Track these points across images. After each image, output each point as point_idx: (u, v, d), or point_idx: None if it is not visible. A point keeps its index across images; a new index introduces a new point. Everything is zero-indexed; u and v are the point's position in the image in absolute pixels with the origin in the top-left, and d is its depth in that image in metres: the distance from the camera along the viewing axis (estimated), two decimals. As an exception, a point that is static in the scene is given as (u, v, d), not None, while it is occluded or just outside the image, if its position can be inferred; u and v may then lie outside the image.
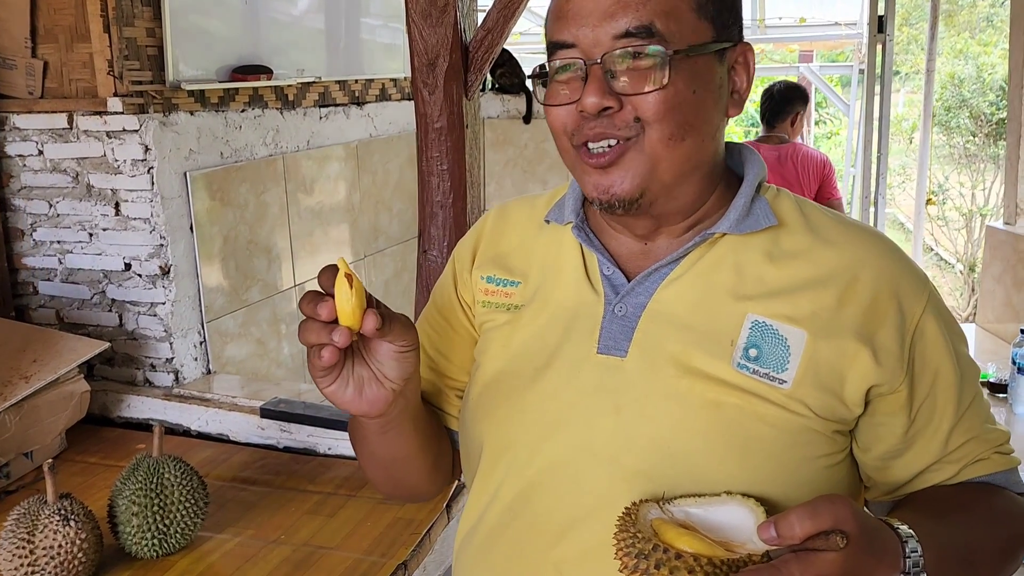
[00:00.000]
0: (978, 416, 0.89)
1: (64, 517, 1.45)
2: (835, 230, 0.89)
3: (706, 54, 0.83)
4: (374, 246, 3.26)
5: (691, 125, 0.83)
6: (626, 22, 0.80)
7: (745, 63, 0.88)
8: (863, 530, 0.70)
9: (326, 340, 0.79)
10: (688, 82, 0.82)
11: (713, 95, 0.85)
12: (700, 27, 0.83)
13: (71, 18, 2.18)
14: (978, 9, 11.77)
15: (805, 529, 0.68)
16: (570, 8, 0.83)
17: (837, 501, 0.70)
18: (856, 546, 0.69)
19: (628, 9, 0.80)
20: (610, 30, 0.81)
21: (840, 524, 0.69)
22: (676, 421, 0.83)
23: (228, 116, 2.42)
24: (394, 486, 1.07)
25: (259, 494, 1.90)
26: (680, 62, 0.81)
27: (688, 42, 0.82)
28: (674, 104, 0.82)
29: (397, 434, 0.95)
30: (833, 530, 0.68)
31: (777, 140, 3.74)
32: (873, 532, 0.73)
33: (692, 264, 0.88)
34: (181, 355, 2.31)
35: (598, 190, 0.85)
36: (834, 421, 0.84)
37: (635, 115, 0.82)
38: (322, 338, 0.80)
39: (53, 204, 2.28)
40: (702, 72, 0.83)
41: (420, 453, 0.99)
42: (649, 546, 0.69)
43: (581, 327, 0.89)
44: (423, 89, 1.78)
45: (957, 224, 9.65)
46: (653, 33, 0.80)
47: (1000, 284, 3.46)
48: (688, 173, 0.86)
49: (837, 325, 0.83)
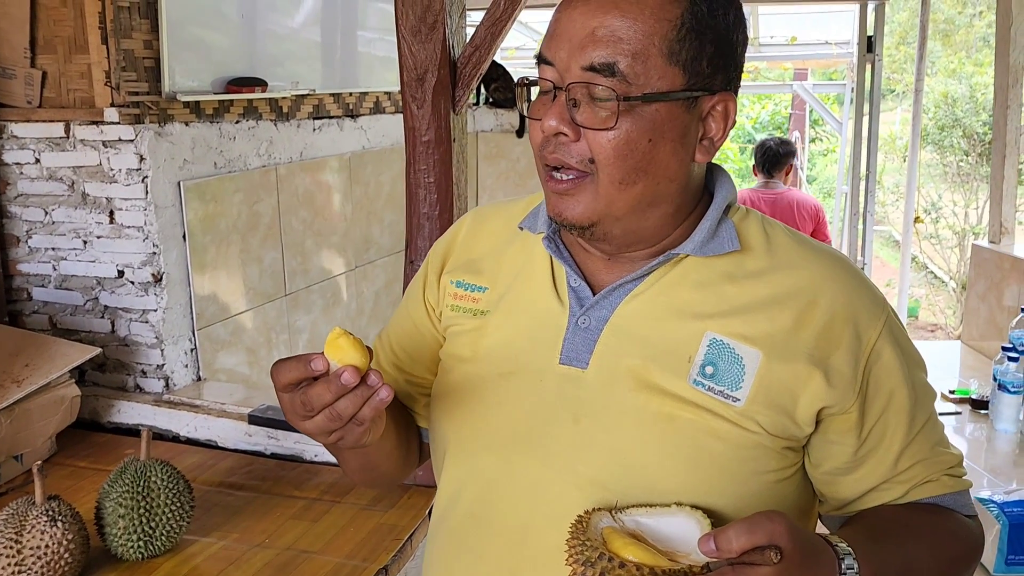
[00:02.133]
0: (929, 440, 0.92)
1: (51, 518, 1.48)
2: (796, 252, 0.91)
3: (669, 101, 0.83)
4: (365, 257, 3.30)
5: (643, 171, 0.84)
6: (594, 56, 0.82)
7: (724, 112, 0.87)
8: (798, 546, 0.73)
9: (368, 395, 0.80)
10: (643, 129, 0.83)
11: (674, 143, 0.85)
12: (669, 73, 0.83)
13: (70, 29, 2.22)
14: (975, 29, 11.87)
15: (741, 543, 0.72)
16: (558, 29, 0.85)
17: (774, 517, 0.74)
18: (790, 561, 0.73)
19: (599, 44, 0.82)
20: (580, 60, 0.83)
21: (775, 539, 0.72)
22: (632, 433, 0.86)
23: (222, 127, 2.46)
24: (370, 481, 1.11)
25: (245, 499, 1.92)
26: (633, 107, 0.82)
27: (650, 88, 0.82)
28: (624, 151, 0.83)
29: (373, 448, 0.98)
30: (768, 545, 0.72)
31: (773, 187, 4.22)
32: (808, 548, 0.76)
33: (655, 281, 0.90)
34: (172, 362, 2.34)
35: (553, 211, 0.89)
36: (785, 438, 0.86)
37: (590, 155, 0.84)
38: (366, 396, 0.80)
39: (49, 212, 2.31)
40: (662, 120, 0.83)
41: (394, 451, 1.03)
42: (596, 554, 0.73)
43: (545, 337, 0.92)
44: (412, 103, 1.82)
45: (951, 242, 9.70)
46: (615, 72, 0.81)
47: (984, 302, 3.50)
48: (644, 210, 0.87)
49: (792, 347, 0.86)
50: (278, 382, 0.82)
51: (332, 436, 0.83)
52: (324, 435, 0.83)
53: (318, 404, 0.80)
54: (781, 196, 4.15)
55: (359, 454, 1.02)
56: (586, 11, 0.82)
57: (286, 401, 0.83)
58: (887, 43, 9.53)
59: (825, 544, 0.80)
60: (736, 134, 13.42)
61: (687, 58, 0.83)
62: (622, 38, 0.81)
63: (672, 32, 0.82)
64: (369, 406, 0.81)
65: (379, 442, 0.96)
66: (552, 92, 0.85)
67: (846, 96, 7.41)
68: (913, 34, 10.67)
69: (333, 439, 0.83)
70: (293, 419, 0.84)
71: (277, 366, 0.82)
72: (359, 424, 0.81)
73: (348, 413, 0.80)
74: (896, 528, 0.88)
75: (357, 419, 0.81)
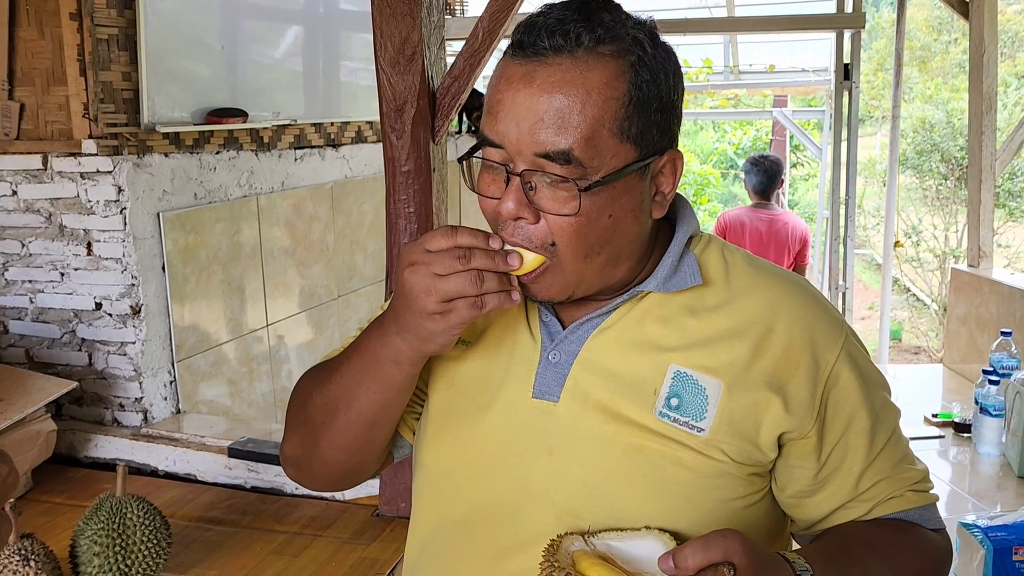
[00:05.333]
0: (891, 459, 0.93)
1: (24, 557, 1.45)
2: (754, 280, 0.93)
3: (625, 176, 0.84)
4: (348, 286, 3.29)
5: (605, 243, 0.85)
6: (547, 143, 0.81)
7: (673, 169, 0.89)
8: (752, 562, 0.75)
9: (508, 287, 0.81)
10: (602, 208, 0.83)
11: (633, 211, 0.86)
12: (621, 151, 0.83)
13: (48, 61, 2.22)
14: (950, 55, 12.07)
15: (697, 561, 0.74)
16: (501, 110, 0.83)
17: (729, 535, 0.76)
18: None
19: (549, 128, 0.80)
20: (532, 145, 0.81)
21: (730, 556, 0.75)
22: (602, 464, 0.88)
23: (203, 158, 2.45)
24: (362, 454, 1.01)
25: (225, 534, 1.89)
26: (593, 192, 0.82)
27: (605, 169, 0.82)
28: (585, 231, 0.84)
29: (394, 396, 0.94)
30: (723, 562, 0.74)
31: (769, 208, 4.21)
32: (763, 564, 0.77)
33: (621, 317, 0.91)
34: (150, 394, 2.31)
35: (530, 296, 0.89)
36: (750, 465, 0.88)
37: (551, 238, 0.84)
38: (506, 286, 0.81)
39: (25, 244, 2.29)
40: (619, 194, 0.84)
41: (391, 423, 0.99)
42: (563, 574, 0.76)
43: (519, 370, 0.93)
44: (391, 134, 1.82)
45: (932, 265, 9.80)
46: (570, 160, 0.81)
47: (964, 325, 3.53)
48: (611, 270, 0.89)
49: (751, 376, 0.87)
50: (432, 241, 0.82)
51: (445, 306, 0.81)
52: (443, 299, 0.80)
53: (476, 263, 0.80)
54: (776, 218, 4.15)
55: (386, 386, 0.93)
56: (530, 93, 0.81)
57: (427, 256, 0.81)
58: (865, 70, 9.68)
59: (782, 560, 0.82)
60: (719, 160, 13.54)
61: (636, 132, 0.83)
62: (572, 122, 0.80)
63: (620, 111, 0.82)
64: (500, 295, 0.81)
65: (408, 384, 0.93)
66: (504, 174, 0.84)
67: (825, 122, 7.50)
68: (890, 61, 10.85)
69: (444, 308, 0.81)
70: (424, 277, 0.81)
71: (442, 229, 0.82)
72: (478, 308, 0.81)
73: (491, 286, 0.80)
74: (856, 545, 0.90)
75: (483, 300, 0.81)
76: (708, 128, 13.75)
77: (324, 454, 0.99)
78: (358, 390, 0.93)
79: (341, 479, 1.06)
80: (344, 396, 0.95)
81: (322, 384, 0.98)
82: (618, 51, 0.82)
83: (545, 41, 0.81)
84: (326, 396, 0.97)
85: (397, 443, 1.06)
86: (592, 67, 0.81)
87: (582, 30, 0.81)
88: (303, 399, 1.01)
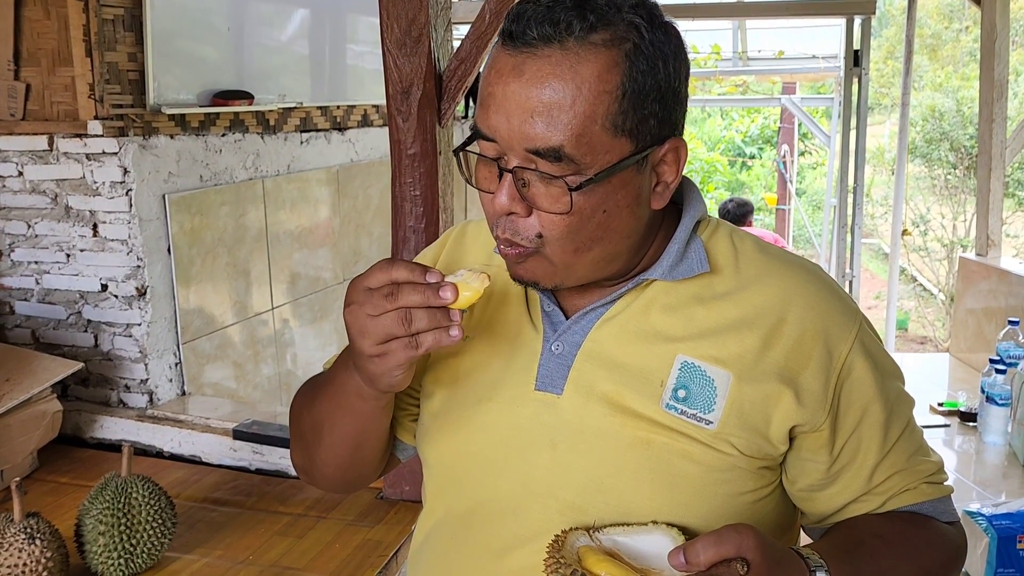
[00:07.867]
0: (905, 451, 0.91)
1: (30, 536, 1.46)
2: (766, 267, 0.90)
3: (620, 171, 0.80)
4: (354, 270, 3.29)
5: (598, 239, 0.83)
6: (537, 139, 0.78)
7: (676, 158, 0.84)
8: (766, 558, 0.74)
9: (445, 323, 0.77)
10: (596, 204, 0.80)
11: (629, 206, 0.83)
12: (615, 145, 0.79)
13: (54, 42, 2.21)
14: (961, 44, 11.98)
15: (709, 556, 0.72)
16: (491, 103, 0.80)
17: (743, 530, 0.74)
18: (758, 573, 0.73)
19: (539, 123, 0.77)
20: (523, 141, 0.78)
21: (743, 552, 0.73)
22: (608, 458, 0.85)
23: (208, 140, 2.45)
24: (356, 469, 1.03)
25: (229, 515, 1.90)
26: (586, 190, 0.79)
27: (598, 166, 0.79)
28: (576, 227, 0.81)
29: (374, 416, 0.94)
30: (736, 558, 0.72)
31: None
32: (777, 560, 0.76)
33: (626, 306, 0.89)
34: (156, 376, 2.32)
35: (514, 275, 0.87)
36: (760, 458, 0.86)
37: (538, 231, 0.82)
38: (442, 322, 0.77)
39: (31, 225, 2.29)
40: (614, 189, 0.81)
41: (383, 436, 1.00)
42: (569, 571, 0.74)
43: (521, 362, 0.91)
44: (397, 116, 1.81)
45: (939, 254, 9.76)
46: (561, 157, 0.78)
47: (972, 314, 3.51)
48: (605, 265, 0.86)
49: (762, 366, 0.85)
50: (371, 278, 0.79)
51: (381, 348, 0.78)
52: (377, 342, 0.78)
53: (403, 301, 0.76)
54: None
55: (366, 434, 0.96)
56: (520, 86, 0.78)
57: (363, 295, 0.78)
58: (874, 57, 9.60)
59: (796, 556, 0.80)
60: (726, 147, 13.48)
61: (632, 125, 0.79)
62: (562, 118, 0.77)
63: (614, 105, 0.78)
64: (437, 332, 0.77)
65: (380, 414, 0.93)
66: (497, 168, 0.82)
67: (834, 110, 7.45)
68: (901, 49, 10.77)
69: (379, 351, 0.78)
70: (358, 318, 0.78)
71: (381, 263, 0.79)
72: (413, 348, 0.77)
73: (420, 324, 0.77)
74: (870, 539, 0.88)
75: (418, 340, 0.77)
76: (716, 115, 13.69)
77: (321, 468, 1.02)
78: (335, 417, 0.94)
79: (345, 486, 1.07)
80: (326, 421, 0.96)
81: (309, 405, 0.99)
82: (612, 39, 0.78)
83: (534, 31, 0.77)
84: (312, 418, 0.98)
85: (398, 447, 1.06)
86: (583, 59, 0.77)
87: (573, 17, 0.77)
88: (296, 415, 1.03)
